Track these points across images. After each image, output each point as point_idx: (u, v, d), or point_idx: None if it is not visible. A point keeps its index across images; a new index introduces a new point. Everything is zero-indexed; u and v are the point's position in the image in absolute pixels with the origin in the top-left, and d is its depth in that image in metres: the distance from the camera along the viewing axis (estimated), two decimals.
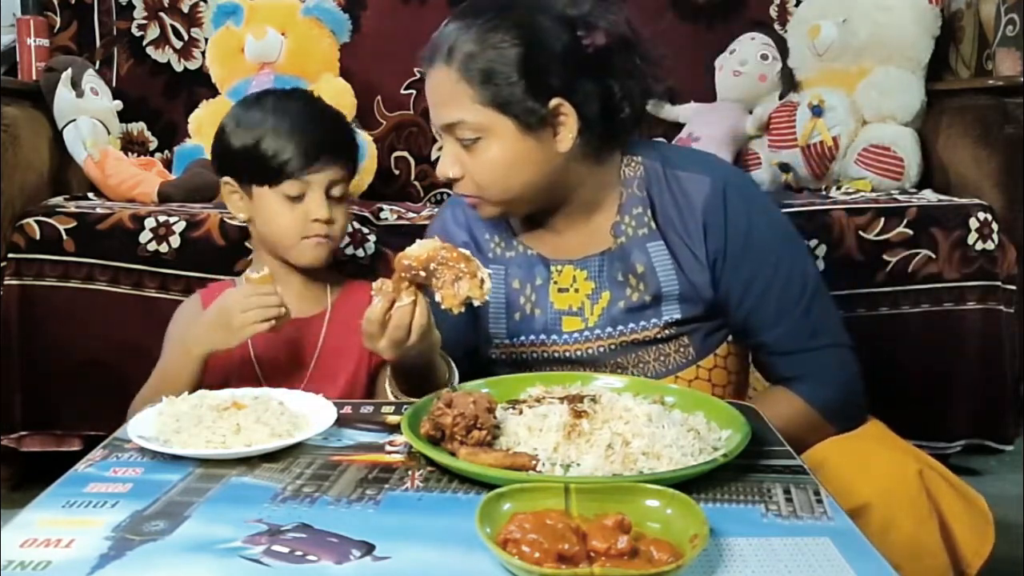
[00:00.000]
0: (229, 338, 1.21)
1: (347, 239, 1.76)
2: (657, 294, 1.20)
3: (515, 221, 1.28)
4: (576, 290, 1.23)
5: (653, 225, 1.20)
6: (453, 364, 1.18)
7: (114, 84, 2.31)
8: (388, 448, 0.96)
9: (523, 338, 1.25)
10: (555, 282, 1.24)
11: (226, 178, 1.36)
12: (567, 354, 1.23)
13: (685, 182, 1.20)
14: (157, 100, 2.36)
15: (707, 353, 1.23)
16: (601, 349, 1.22)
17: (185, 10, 2.37)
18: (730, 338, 1.26)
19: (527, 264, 1.26)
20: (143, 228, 1.77)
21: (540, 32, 1.14)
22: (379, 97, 2.36)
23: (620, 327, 1.21)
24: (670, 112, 2.37)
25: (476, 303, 1.01)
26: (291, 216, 1.31)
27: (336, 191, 1.33)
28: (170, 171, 2.16)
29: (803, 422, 1.14)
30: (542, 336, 1.24)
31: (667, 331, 1.20)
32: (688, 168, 1.21)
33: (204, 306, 1.34)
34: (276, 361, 1.34)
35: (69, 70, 2.06)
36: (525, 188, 1.18)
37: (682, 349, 1.22)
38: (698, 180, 1.20)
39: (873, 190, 2.08)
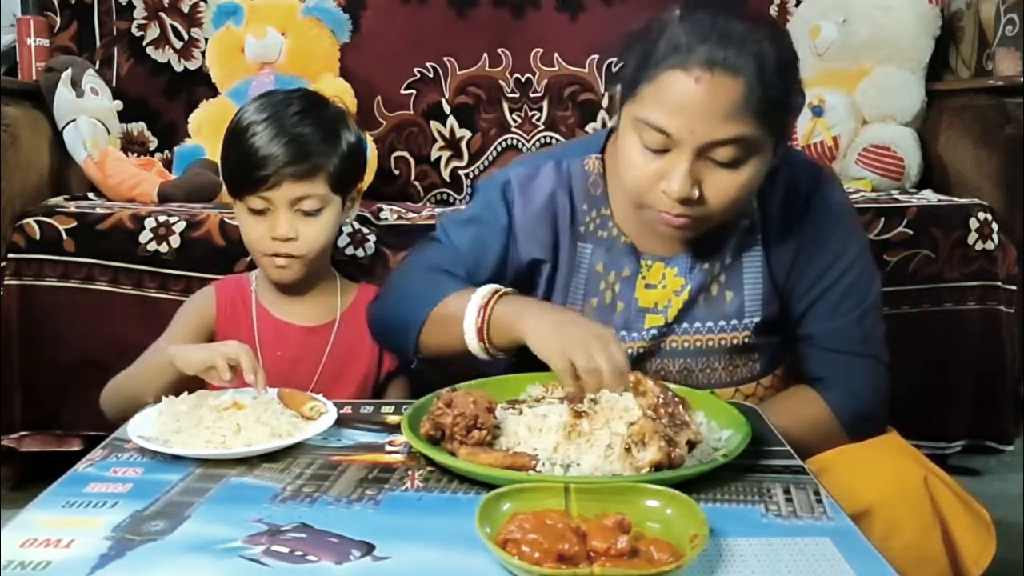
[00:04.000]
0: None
1: (347, 239, 1.76)
2: (739, 288, 1.18)
3: (615, 202, 1.21)
4: (664, 287, 1.19)
5: (757, 216, 1.18)
6: None
7: (114, 84, 2.31)
8: (388, 448, 0.96)
9: None
10: (643, 277, 1.19)
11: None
12: (640, 351, 1.18)
13: (794, 168, 1.18)
14: (157, 100, 2.36)
15: (769, 372, 1.23)
16: (674, 346, 1.19)
17: (185, 10, 2.37)
18: (789, 359, 1.25)
19: (617, 251, 1.20)
20: (143, 228, 1.77)
21: (791, 47, 1.11)
22: (379, 97, 2.36)
23: (697, 324, 1.18)
24: None
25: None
26: (256, 231, 1.30)
27: (305, 206, 1.28)
28: (170, 171, 2.16)
29: (823, 429, 1.14)
30: (622, 332, 1.18)
31: (746, 339, 1.18)
32: (793, 154, 1.20)
33: (218, 298, 1.37)
34: (282, 370, 1.33)
35: (69, 70, 2.06)
36: (743, 208, 1.13)
37: (750, 364, 1.21)
38: (804, 167, 1.20)
39: (873, 190, 2.08)
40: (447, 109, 2.38)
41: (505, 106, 2.40)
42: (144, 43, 2.36)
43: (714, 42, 1.02)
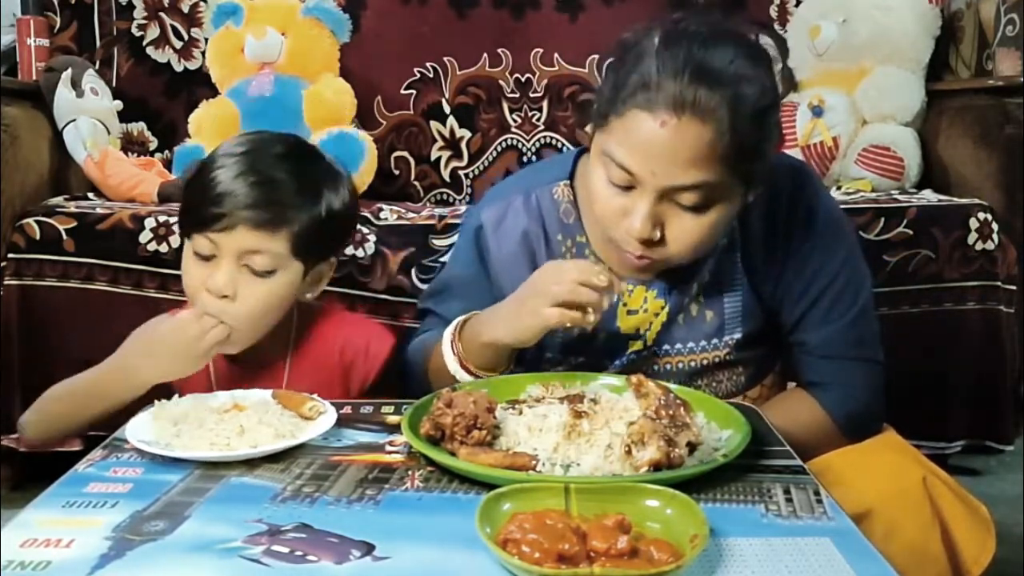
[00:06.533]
0: (187, 366, 1.07)
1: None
2: (718, 307, 1.17)
3: (590, 229, 1.19)
4: (646, 310, 1.18)
5: (736, 232, 1.16)
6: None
7: (114, 84, 2.31)
8: (388, 448, 0.96)
9: (580, 358, 1.19)
10: (624, 304, 1.17)
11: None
12: (622, 374, 1.17)
13: (773, 173, 1.13)
14: (157, 100, 2.36)
15: (755, 384, 1.23)
16: (655, 368, 1.18)
17: (185, 10, 2.37)
18: (777, 367, 1.26)
19: None
20: (143, 228, 1.77)
21: (775, 87, 1.04)
22: (379, 97, 2.36)
23: (678, 345, 1.18)
24: None
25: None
26: (194, 278, 1.12)
27: (257, 263, 1.10)
28: (170, 171, 2.16)
29: (820, 431, 1.14)
30: (605, 361, 1.19)
31: (727, 356, 1.18)
32: (775, 160, 1.16)
33: None
34: None
35: (69, 70, 2.06)
36: (707, 250, 1.11)
37: (734, 378, 1.21)
38: (784, 171, 1.17)
39: (873, 190, 2.08)
40: (447, 109, 2.38)
41: (505, 106, 2.40)
42: (144, 43, 2.36)
43: (686, 80, 0.97)
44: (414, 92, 2.38)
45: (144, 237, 1.76)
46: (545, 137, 2.39)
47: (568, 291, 1.01)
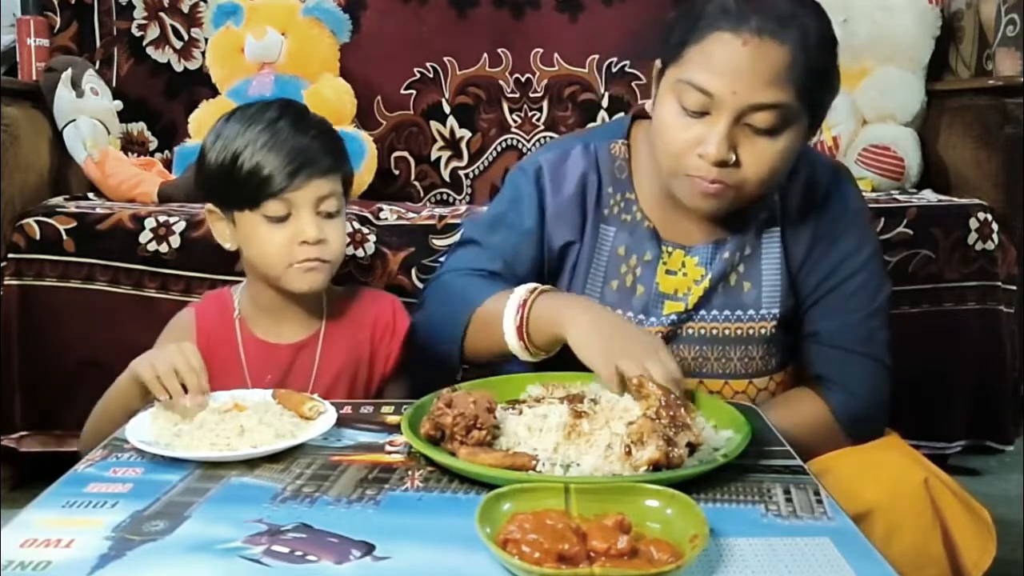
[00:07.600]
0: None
1: (347, 239, 1.76)
2: (757, 279, 1.19)
3: (640, 187, 1.23)
4: (685, 274, 1.20)
5: (777, 208, 1.20)
6: None
7: (114, 84, 2.31)
8: (388, 448, 0.96)
9: (618, 311, 1.19)
10: (664, 263, 1.21)
11: (209, 205, 1.25)
12: (657, 336, 1.17)
13: (814, 165, 1.22)
14: (157, 100, 2.36)
15: (781, 368, 1.23)
16: (691, 332, 1.19)
17: (185, 10, 2.37)
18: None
19: (639, 235, 1.21)
20: (143, 228, 1.77)
21: (831, 24, 1.12)
22: (379, 97, 2.36)
23: (715, 311, 1.19)
24: None
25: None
26: (278, 240, 1.18)
27: (328, 206, 1.20)
28: (170, 171, 2.16)
29: (822, 431, 1.14)
30: (640, 316, 1.20)
31: (762, 331, 1.19)
32: (813, 153, 1.24)
33: (198, 325, 1.27)
34: (273, 387, 1.24)
35: (69, 70, 2.07)
36: (776, 186, 1.15)
37: (766, 357, 1.21)
38: (824, 165, 1.24)
39: (873, 190, 2.08)
40: (447, 109, 2.39)
41: (505, 106, 2.40)
42: (144, 43, 2.36)
43: (762, 14, 1.04)
44: (414, 92, 2.38)
45: (144, 237, 1.76)
46: (545, 137, 2.39)
47: None
